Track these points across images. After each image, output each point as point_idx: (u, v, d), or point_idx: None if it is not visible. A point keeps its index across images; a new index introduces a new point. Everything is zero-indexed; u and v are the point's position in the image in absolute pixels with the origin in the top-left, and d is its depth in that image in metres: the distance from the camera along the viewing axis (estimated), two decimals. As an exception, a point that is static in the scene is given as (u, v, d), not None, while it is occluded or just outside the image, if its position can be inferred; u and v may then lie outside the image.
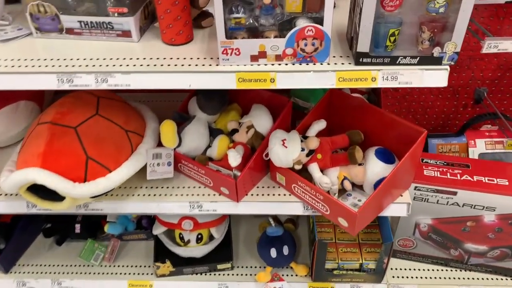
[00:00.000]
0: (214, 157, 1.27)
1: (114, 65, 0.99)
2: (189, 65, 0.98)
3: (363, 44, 0.93)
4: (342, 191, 1.22)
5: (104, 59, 1.02)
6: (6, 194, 1.28)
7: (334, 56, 1.00)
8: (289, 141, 1.15)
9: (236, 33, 0.95)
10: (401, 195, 1.24)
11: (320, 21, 0.92)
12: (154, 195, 1.27)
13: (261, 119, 1.27)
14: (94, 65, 0.99)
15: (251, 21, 0.95)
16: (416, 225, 1.41)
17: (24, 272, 1.57)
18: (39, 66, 0.99)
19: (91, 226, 1.61)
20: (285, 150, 1.14)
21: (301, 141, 1.18)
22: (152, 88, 0.98)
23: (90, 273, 1.56)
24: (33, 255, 1.63)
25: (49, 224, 1.63)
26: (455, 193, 1.29)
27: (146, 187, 1.30)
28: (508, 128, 1.52)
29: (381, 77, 0.96)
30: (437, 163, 1.34)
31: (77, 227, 1.58)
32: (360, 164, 1.19)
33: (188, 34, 1.05)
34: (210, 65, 0.98)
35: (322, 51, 0.96)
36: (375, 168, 1.17)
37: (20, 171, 1.09)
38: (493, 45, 1.16)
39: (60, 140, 1.13)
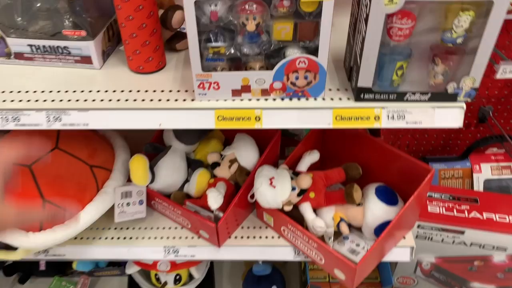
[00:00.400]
0: (192, 194, 1.12)
1: (69, 100, 0.83)
2: (160, 100, 0.83)
3: (365, 79, 0.78)
4: (338, 233, 1.08)
5: (59, 91, 0.86)
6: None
7: (330, 89, 0.85)
8: (277, 180, 1.01)
9: (215, 64, 0.80)
10: (404, 237, 1.11)
11: (314, 51, 0.77)
12: (124, 238, 1.12)
13: (245, 152, 1.12)
14: (45, 100, 0.83)
15: (233, 51, 0.80)
16: (418, 263, 1.27)
17: (-17, 314, 1.42)
18: (-22, 101, 0.83)
19: (58, 262, 1.45)
20: (273, 190, 1.00)
21: (292, 178, 1.04)
22: (115, 128, 0.83)
23: (57, 314, 1.40)
24: (-6, 294, 1.47)
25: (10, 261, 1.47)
26: (462, 232, 1.16)
27: (116, 228, 1.14)
28: (516, 151, 1.40)
29: (385, 116, 0.81)
30: (443, 197, 1.21)
31: (42, 264, 1.42)
32: (358, 204, 1.05)
33: (159, 61, 0.90)
34: (184, 100, 0.83)
35: (317, 85, 0.81)
36: (375, 210, 1.03)
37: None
38: (509, 70, 1.03)
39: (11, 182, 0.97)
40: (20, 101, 0.83)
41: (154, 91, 0.85)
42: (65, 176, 1.02)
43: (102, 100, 0.83)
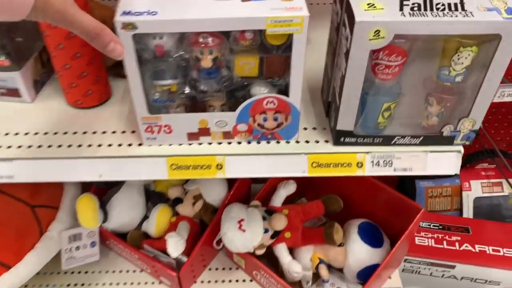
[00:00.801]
0: (151, 234, 0.98)
1: (-10, 147, 0.69)
2: (100, 145, 0.69)
3: (346, 122, 0.65)
4: (317, 275, 0.96)
5: (-21, 134, 0.71)
6: None
7: (305, 128, 0.72)
8: (248, 223, 0.88)
9: (166, 103, 0.66)
10: (390, 277, 1.00)
11: (285, 88, 0.64)
12: (75, 284, 0.98)
13: (211, 187, 0.98)
14: (-41, 146, 0.69)
15: (187, 89, 0.65)
16: (404, 295, 1.17)
17: None
18: None
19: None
20: (243, 235, 0.87)
21: (264, 218, 0.91)
22: (46, 181, 0.69)
23: None
24: None
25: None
26: (453, 267, 1.05)
27: (66, 273, 1.00)
28: (507, 167, 1.29)
29: (369, 162, 0.69)
30: (431, 226, 1.10)
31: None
32: (340, 245, 0.94)
33: (101, 93, 0.75)
34: (130, 144, 0.69)
35: (288, 127, 0.68)
36: (359, 253, 0.91)
37: None
38: (507, 93, 0.91)
39: None
40: None
41: (94, 132, 0.71)
42: (2, 221, 0.88)
43: (30, 147, 0.68)
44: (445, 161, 0.69)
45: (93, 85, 0.73)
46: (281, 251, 0.93)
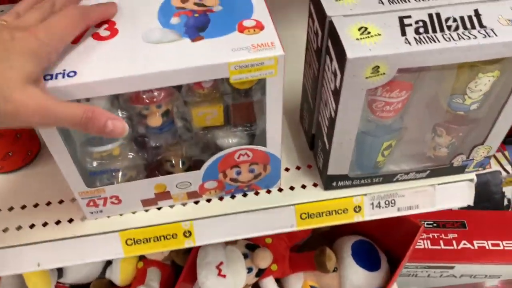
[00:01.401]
0: (117, 283, 0.85)
1: None
2: (32, 225, 0.54)
3: (338, 167, 0.53)
4: (309, 303, 0.87)
5: None
6: None
7: (286, 169, 0.59)
8: (228, 265, 0.76)
9: (108, 174, 0.51)
10: (388, 292, 0.91)
11: (260, 134, 0.50)
12: None
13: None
14: None
15: (134, 148, 0.51)
16: (400, 295, 1.10)
17: None
18: None
19: None
20: (224, 281, 0.75)
21: (245, 256, 0.79)
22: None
23: None
24: None
25: None
26: (452, 267, 0.98)
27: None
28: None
29: (369, 205, 0.57)
30: (425, 225, 1.02)
31: None
32: (334, 270, 0.83)
33: (26, 151, 0.59)
34: (71, 220, 0.54)
35: (268, 176, 0.55)
36: (355, 279, 0.81)
37: None
38: None
39: None
40: None
41: (23, 207, 0.56)
42: None
43: None
44: (456, 192, 0.58)
45: (12, 145, 0.57)
46: (269, 285, 0.82)
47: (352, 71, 0.41)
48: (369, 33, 0.42)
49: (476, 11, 0.43)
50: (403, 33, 0.42)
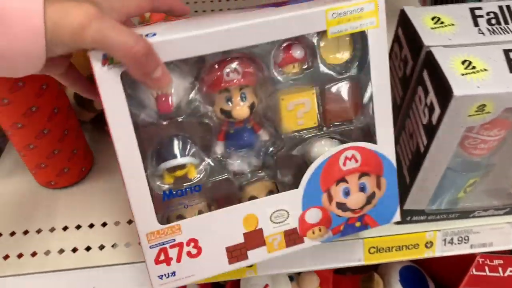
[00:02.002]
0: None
1: None
2: (88, 248, 0.51)
3: (417, 201, 0.49)
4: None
5: None
6: None
7: (353, 198, 0.56)
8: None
9: (183, 201, 0.44)
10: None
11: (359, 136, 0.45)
12: None
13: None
14: None
15: (209, 173, 0.45)
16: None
17: None
18: None
19: None
20: (269, 305, 0.72)
21: (291, 279, 0.77)
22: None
23: None
24: None
25: None
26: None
27: None
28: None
29: (441, 241, 0.54)
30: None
31: None
32: (379, 296, 0.80)
33: (80, 167, 0.56)
34: (127, 244, 0.52)
35: (384, 200, 0.45)
36: (403, 307, 0.78)
37: None
38: None
39: None
40: None
41: (78, 227, 0.53)
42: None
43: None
44: (535, 231, 0.54)
45: (68, 161, 0.54)
46: (312, 308, 0.79)
47: (455, 108, 0.38)
48: (474, 67, 0.39)
49: None
50: (511, 69, 0.39)
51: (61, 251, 0.51)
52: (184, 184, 0.44)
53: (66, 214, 0.54)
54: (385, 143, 0.43)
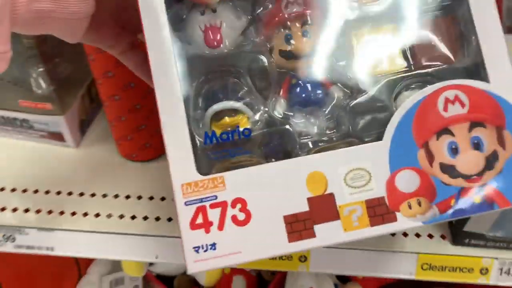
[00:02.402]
0: (201, 283, 0.87)
1: (27, 210, 0.57)
2: (158, 218, 0.56)
3: (479, 224, 0.50)
4: None
5: (14, 189, 0.59)
6: None
7: (412, 213, 0.57)
8: (317, 292, 0.75)
9: (231, 160, 0.36)
10: None
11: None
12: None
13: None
14: (-10, 205, 0.57)
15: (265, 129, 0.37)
16: None
17: None
18: None
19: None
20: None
21: (336, 287, 0.78)
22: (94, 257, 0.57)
23: None
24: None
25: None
26: None
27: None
28: None
29: (497, 269, 0.53)
30: None
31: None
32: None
33: (160, 146, 0.61)
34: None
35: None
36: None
37: None
38: None
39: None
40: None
41: (151, 198, 0.58)
42: (37, 267, 0.78)
43: (74, 214, 0.56)
44: None
45: (151, 138, 0.59)
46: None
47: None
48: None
49: None
50: None
51: (133, 217, 0.56)
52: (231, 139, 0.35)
53: (142, 185, 0.59)
54: (501, 82, 0.31)
